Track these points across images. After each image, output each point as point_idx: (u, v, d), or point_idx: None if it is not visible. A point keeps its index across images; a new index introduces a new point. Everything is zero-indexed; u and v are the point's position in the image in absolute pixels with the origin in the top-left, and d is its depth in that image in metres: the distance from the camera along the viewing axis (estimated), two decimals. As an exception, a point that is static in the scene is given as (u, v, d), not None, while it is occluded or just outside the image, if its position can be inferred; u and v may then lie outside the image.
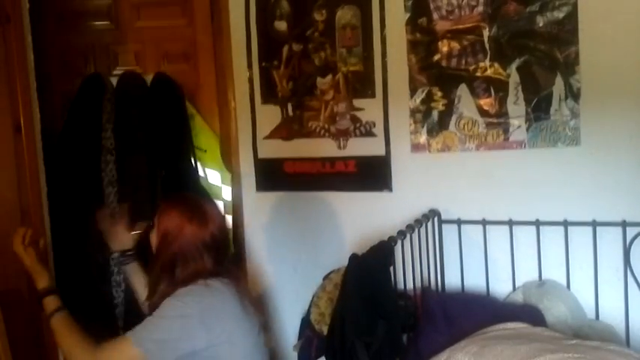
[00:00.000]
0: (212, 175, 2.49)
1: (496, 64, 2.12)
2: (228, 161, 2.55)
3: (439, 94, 2.21)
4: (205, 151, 2.47)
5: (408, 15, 2.23)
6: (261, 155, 2.52)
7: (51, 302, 1.65)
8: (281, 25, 2.44)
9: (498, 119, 2.13)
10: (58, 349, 2.22)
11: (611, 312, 2.02)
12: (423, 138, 2.25)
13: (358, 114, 2.34)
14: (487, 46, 2.12)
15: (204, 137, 2.48)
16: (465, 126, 2.19)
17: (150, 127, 2.18)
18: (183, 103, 2.33)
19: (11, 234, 2.08)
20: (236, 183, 2.56)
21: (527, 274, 2.13)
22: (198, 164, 2.43)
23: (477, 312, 1.99)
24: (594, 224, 2.01)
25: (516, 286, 2.15)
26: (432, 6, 2.19)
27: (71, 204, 2.17)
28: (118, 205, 2.05)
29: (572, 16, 2.00)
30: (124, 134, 2.17)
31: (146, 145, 2.18)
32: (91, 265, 2.13)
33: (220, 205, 2.41)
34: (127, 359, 1.51)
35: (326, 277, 2.25)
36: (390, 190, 2.31)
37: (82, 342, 1.57)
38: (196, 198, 1.80)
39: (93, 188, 2.14)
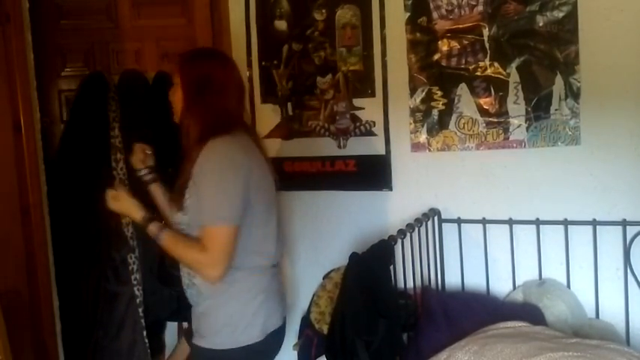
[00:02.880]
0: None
1: (496, 64, 2.12)
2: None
3: (439, 93, 2.21)
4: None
5: (408, 14, 2.23)
6: (261, 155, 2.52)
7: (153, 227, 1.63)
8: (281, 25, 2.44)
9: (498, 118, 2.14)
10: (59, 348, 2.23)
11: (611, 311, 2.03)
12: (423, 137, 2.25)
13: (358, 113, 2.35)
14: (487, 45, 2.13)
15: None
16: (465, 125, 2.19)
17: (155, 125, 2.17)
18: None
19: (11, 234, 2.08)
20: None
21: (527, 273, 2.14)
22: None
23: (477, 311, 1.99)
24: (594, 223, 2.01)
25: (516, 285, 2.15)
26: (431, 5, 2.19)
27: (83, 203, 2.15)
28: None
29: (572, 16, 2.01)
30: (131, 132, 2.16)
31: (153, 143, 2.17)
32: (105, 265, 2.11)
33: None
34: (228, 240, 1.50)
35: (326, 276, 2.26)
36: (390, 189, 2.32)
37: (190, 249, 1.56)
38: (209, 48, 1.78)
39: (104, 187, 2.13)
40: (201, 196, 1.53)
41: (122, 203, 1.73)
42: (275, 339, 1.65)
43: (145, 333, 2.10)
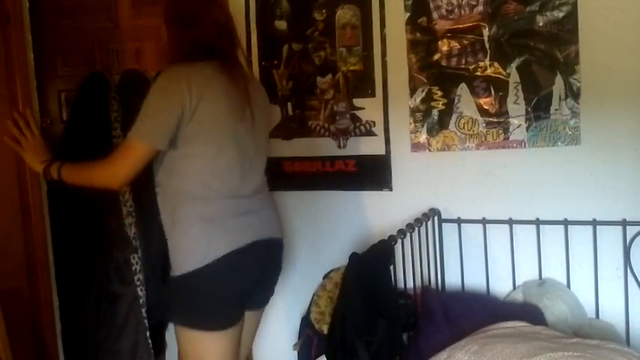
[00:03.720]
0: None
1: (496, 64, 2.12)
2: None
3: (439, 93, 2.21)
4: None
5: (408, 14, 2.23)
6: (261, 154, 2.52)
7: (53, 168, 1.74)
8: (281, 25, 2.44)
9: (498, 118, 2.14)
10: (59, 348, 2.23)
11: (611, 311, 2.03)
12: (423, 137, 2.25)
13: (358, 113, 2.35)
14: (487, 45, 2.13)
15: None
16: (465, 125, 2.19)
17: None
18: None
19: (11, 234, 2.08)
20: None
21: (527, 273, 2.14)
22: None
23: (477, 311, 1.99)
24: (594, 223, 2.01)
25: (516, 285, 2.15)
26: (431, 5, 2.19)
27: (85, 204, 2.15)
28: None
29: (572, 16, 2.01)
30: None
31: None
32: (107, 266, 2.11)
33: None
34: (138, 155, 1.60)
35: (326, 276, 2.25)
36: (390, 189, 2.32)
37: (93, 166, 1.66)
38: None
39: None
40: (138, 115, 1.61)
41: (27, 153, 1.82)
42: (225, 264, 1.63)
43: (148, 334, 2.09)
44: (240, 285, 1.70)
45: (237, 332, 1.73)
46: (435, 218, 2.23)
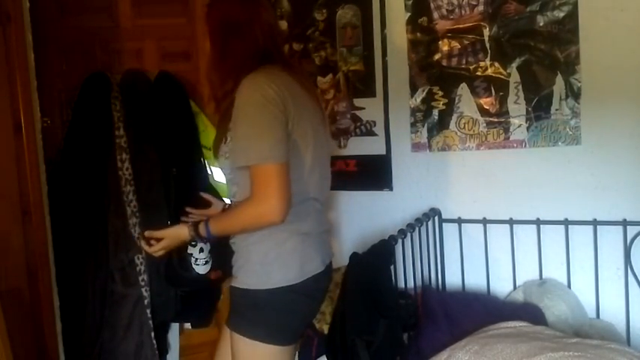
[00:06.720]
0: (217, 173, 2.48)
1: (496, 64, 2.12)
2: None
3: (440, 93, 2.21)
4: (210, 149, 2.45)
5: (408, 14, 2.23)
6: (261, 154, 2.51)
7: (202, 229, 1.51)
8: (281, 25, 2.44)
9: (499, 118, 2.14)
10: (59, 349, 2.22)
11: (612, 311, 2.03)
12: (423, 137, 2.25)
13: (359, 113, 2.35)
14: (487, 45, 2.13)
15: (209, 135, 2.46)
16: (466, 125, 2.19)
17: (159, 125, 2.17)
18: (188, 101, 2.33)
19: (11, 234, 2.08)
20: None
21: (527, 272, 2.14)
22: (206, 162, 2.42)
23: (478, 311, 1.99)
24: (595, 223, 2.01)
25: (517, 285, 2.15)
26: (432, 5, 2.19)
27: (89, 205, 2.15)
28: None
29: (573, 16, 2.01)
30: (135, 132, 2.16)
31: (157, 143, 2.17)
32: (112, 267, 2.10)
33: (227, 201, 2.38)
34: (274, 178, 1.38)
35: (327, 276, 2.25)
36: (391, 189, 2.32)
37: (239, 211, 1.47)
38: None
39: (110, 188, 2.13)
40: (240, 137, 1.42)
41: (167, 240, 1.60)
42: (314, 283, 1.51)
43: (152, 334, 2.09)
44: (319, 305, 1.62)
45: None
46: (436, 218, 2.23)
